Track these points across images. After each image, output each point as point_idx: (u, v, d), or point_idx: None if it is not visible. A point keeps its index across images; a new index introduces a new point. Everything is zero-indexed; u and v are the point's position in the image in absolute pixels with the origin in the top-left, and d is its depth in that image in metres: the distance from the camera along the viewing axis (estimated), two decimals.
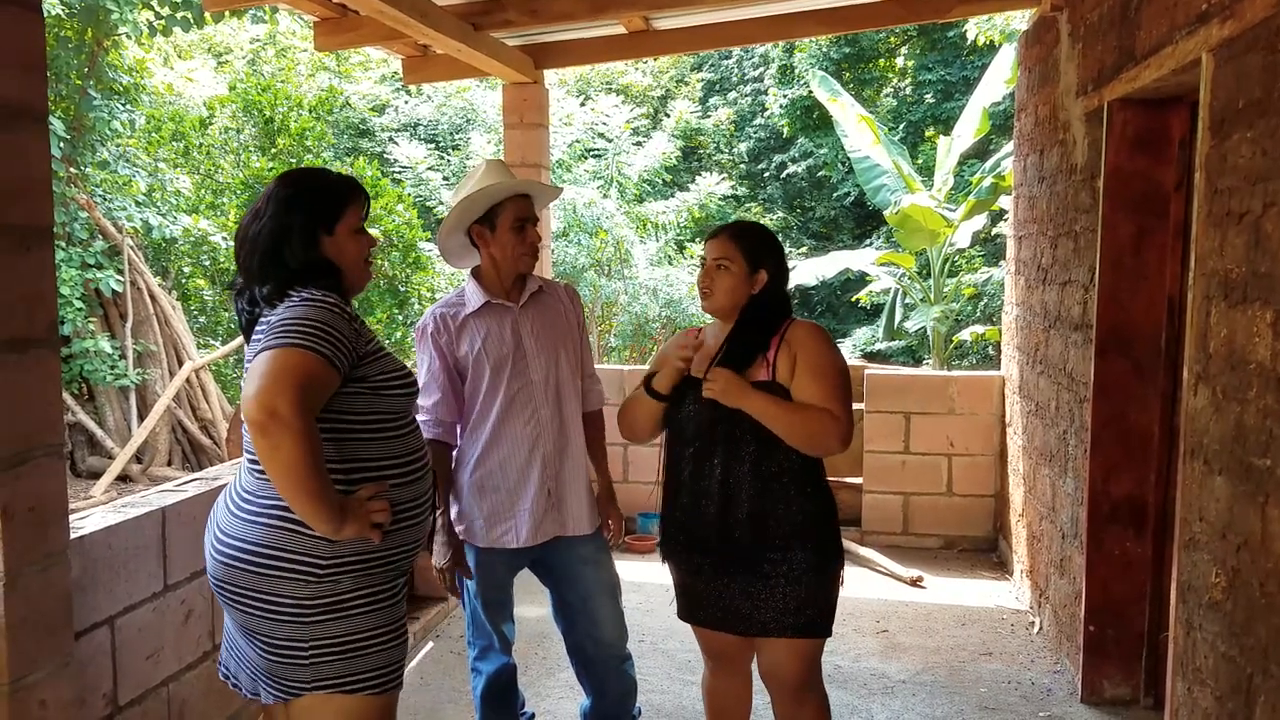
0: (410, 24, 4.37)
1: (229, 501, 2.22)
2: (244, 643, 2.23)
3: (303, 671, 2.16)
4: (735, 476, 2.64)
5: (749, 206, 17.36)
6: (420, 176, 12.30)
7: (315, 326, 2.04)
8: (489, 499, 2.98)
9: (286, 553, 2.10)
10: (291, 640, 2.14)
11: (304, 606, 2.12)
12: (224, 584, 2.17)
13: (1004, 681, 4.16)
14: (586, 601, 3.10)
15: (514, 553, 3.03)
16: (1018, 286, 5.43)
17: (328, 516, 2.01)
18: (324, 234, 2.24)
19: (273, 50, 16.01)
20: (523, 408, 2.97)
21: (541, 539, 3.01)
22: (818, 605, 2.68)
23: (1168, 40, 3.09)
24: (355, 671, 2.19)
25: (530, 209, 2.99)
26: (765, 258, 2.72)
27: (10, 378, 2.09)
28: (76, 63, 9.35)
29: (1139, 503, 3.77)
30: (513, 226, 2.93)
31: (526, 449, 2.98)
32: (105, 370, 9.28)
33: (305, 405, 1.96)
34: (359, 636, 2.18)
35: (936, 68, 16.12)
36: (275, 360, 1.97)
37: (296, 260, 2.19)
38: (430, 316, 3.00)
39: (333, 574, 2.12)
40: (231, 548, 2.14)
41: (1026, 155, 5.23)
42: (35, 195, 2.17)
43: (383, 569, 2.21)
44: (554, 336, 3.05)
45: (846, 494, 6.22)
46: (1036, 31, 5.05)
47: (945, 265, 10.51)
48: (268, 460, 1.96)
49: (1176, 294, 3.65)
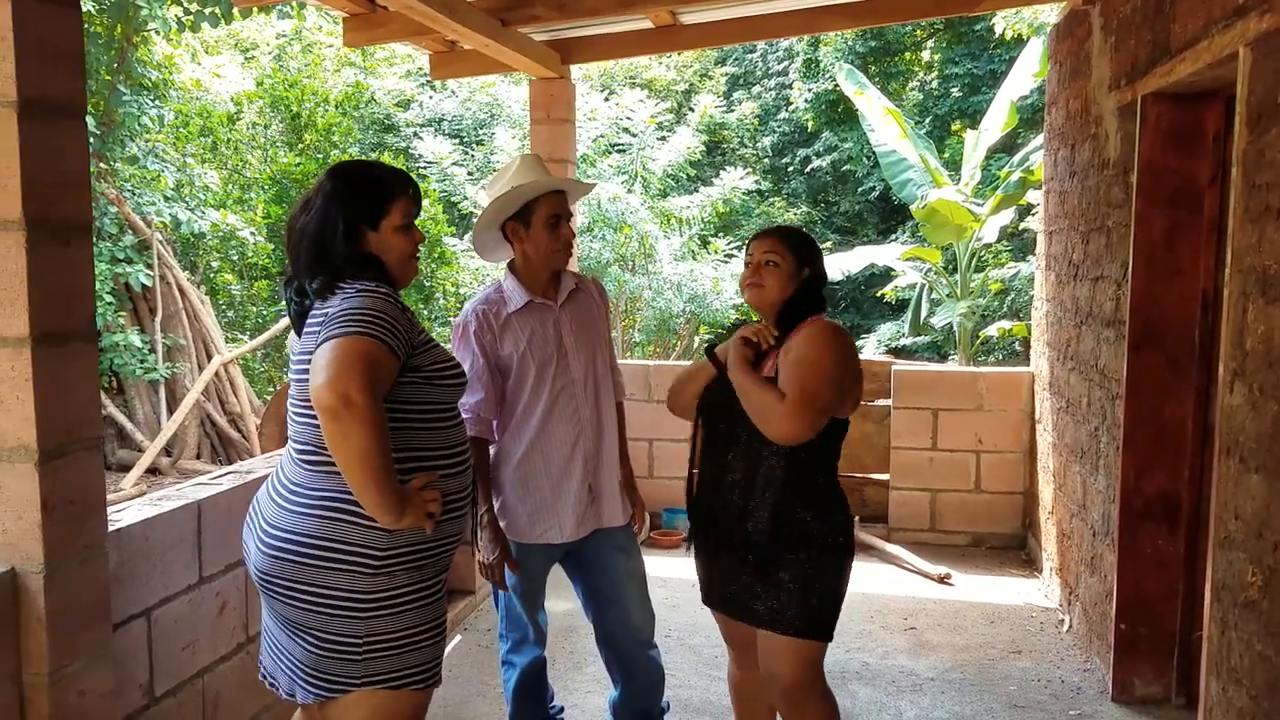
0: (439, 19, 4.37)
1: (274, 494, 2.23)
2: (287, 638, 2.23)
3: (354, 667, 2.17)
4: (758, 466, 2.66)
5: (773, 201, 17.29)
6: (445, 172, 12.31)
7: (376, 315, 2.06)
8: (533, 496, 3.02)
9: (342, 544, 2.11)
10: (345, 635, 2.15)
11: (360, 600, 2.13)
12: (272, 577, 2.17)
13: (1033, 679, 4.14)
14: (616, 587, 3.14)
15: (553, 546, 3.07)
16: (1048, 282, 5.40)
17: (390, 505, 2.03)
18: (367, 229, 2.25)
19: (299, 46, 16.06)
20: (565, 406, 3.01)
21: (582, 533, 3.06)
22: (819, 607, 2.67)
23: (1203, 34, 3.05)
24: (404, 667, 2.20)
25: (564, 205, 3.00)
26: (811, 257, 2.77)
27: (50, 371, 2.12)
28: (106, 58, 9.42)
29: (1172, 500, 3.74)
30: (547, 223, 2.95)
31: (569, 446, 3.02)
32: (135, 364, 9.36)
33: (375, 391, 1.98)
34: (410, 631, 2.19)
35: (963, 61, 16.00)
36: (343, 348, 1.98)
37: (338, 254, 2.21)
38: (471, 314, 3.01)
39: (388, 567, 2.14)
40: (281, 540, 2.15)
41: (1057, 150, 5.19)
42: (74, 191, 2.19)
43: (432, 562, 2.23)
44: (590, 334, 3.09)
45: (873, 490, 6.21)
46: (1068, 25, 5.01)
47: (972, 260, 10.44)
48: (339, 447, 1.97)
49: (1210, 289, 3.61)
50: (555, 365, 3.00)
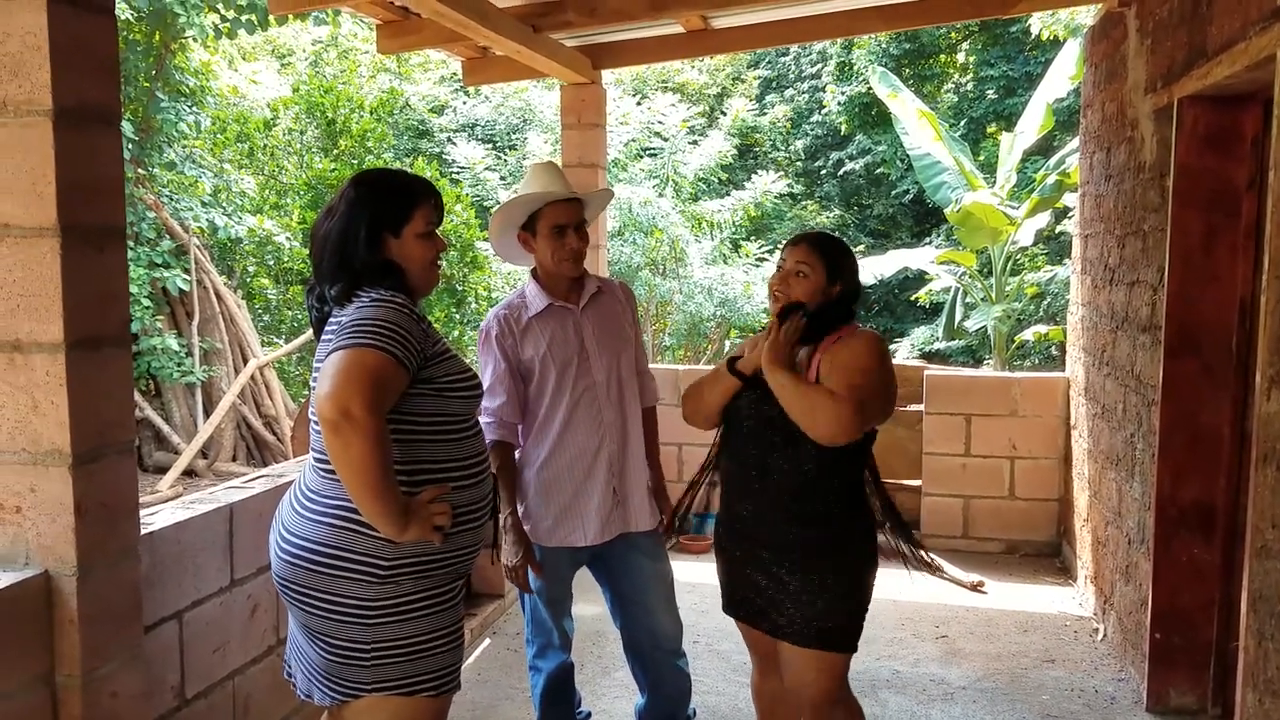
0: (471, 26, 4.40)
1: (294, 500, 2.25)
2: (305, 641, 2.26)
3: (364, 673, 2.19)
4: (783, 475, 2.64)
5: (805, 204, 17.23)
6: (478, 177, 12.39)
7: (385, 326, 2.06)
8: (556, 499, 3.03)
9: (349, 553, 2.13)
10: (353, 641, 2.17)
11: (366, 607, 2.14)
12: (288, 583, 2.20)
13: (1066, 689, 4.09)
14: (643, 594, 3.14)
15: (577, 549, 3.08)
16: (1084, 286, 5.34)
17: (393, 518, 2.04)
18: (389, 236, 2.26)
19: (335, 52, 16.21)
20: (588, 409, 3.02)
21: (607, 537, 3.06)
22: (841, 618, 2.64)
23: (1240, 36, 3.01)
24: (415, 674, 2.21)
25: (569, 214, 2.98)
26: (843, 271, 2.70)
27: (84, 375, 2.14)
28: (144, 65, 9.55)
29: (1208, 508, 3.69)
30: (550, 233, 2.96)
31: (593, 450, 3.03)
32: (172, 367, 9.48)
33: (377, 405, 1.99)
34: (420, 639, 2.20)
35: (999, 63, 15.87)
36: (348, 360, 2.00)
37: (360, 261, 2.22)
38: (494, 319, 3.03)
39: (394, 575, 2.15)
40: (296, 546, 2.17)
41: (1093, 153, 5.13)
42: (108, 197, 2.22)
43: (443, 571, 2.23)
44: (614, 337, 3.09)
45: (905, 496, 6.15)
46: (1103, 27, 4.95)
47: (1007, 263, 10.36)
48: (339, 459, 1.99)
49: (1248, 295, 3.56)
50: (576, 368, 3.01)
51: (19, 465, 2.14)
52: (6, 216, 2.09)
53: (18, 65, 2.06)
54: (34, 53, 2.05)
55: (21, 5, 2.05)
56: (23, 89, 2.06)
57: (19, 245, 2.09)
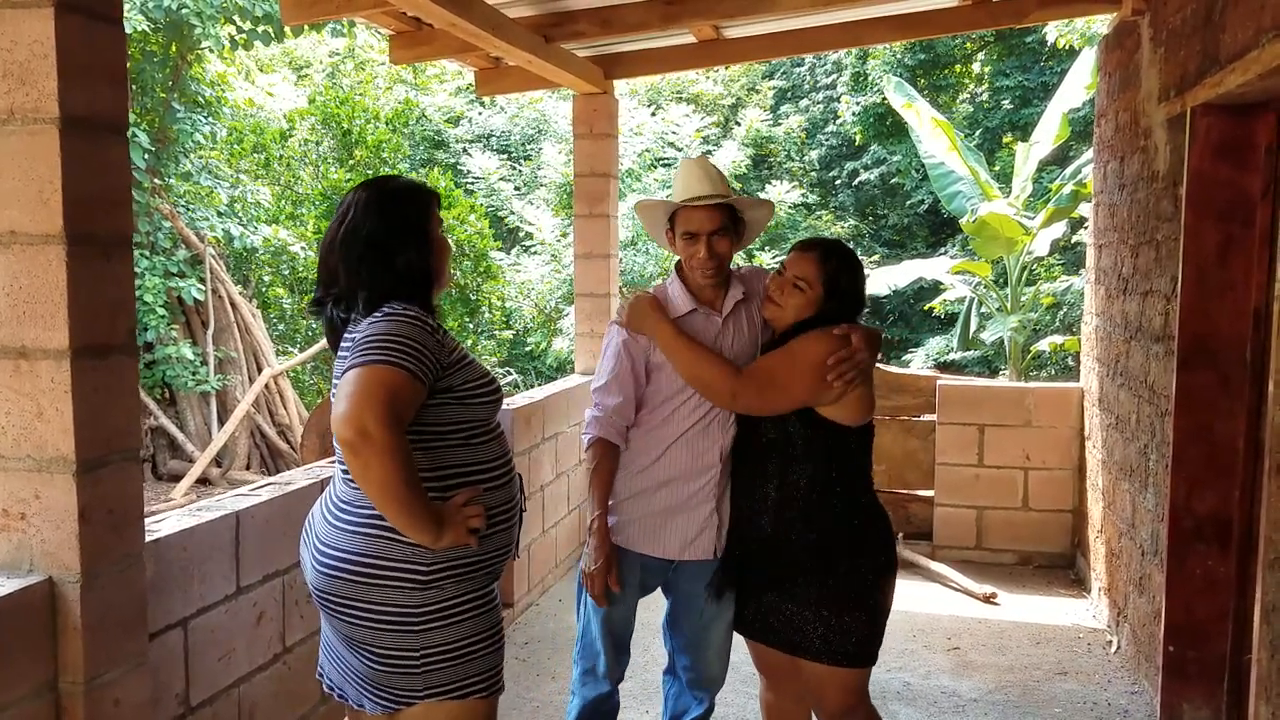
0: (482, 36, 4.41)
1: (326, 512, 2.25)
2: (349, 653, 2.25)
3: (415, 680, 2.19)
4: (785, 489, 2.63)
5: (820, 214, 17.20)
6: (492, 187, 12.44)
7: (398, 341, 2.05)
8: (654, 505, 2.82)
9: (389, 561, 2.13)
10: (402, 649, 2.17)
11: (411, 614, 2.14)
12: (327, 595, 2.20)
13: (1079, 702, 4.06)
14: (700, 633, 2.94)
15: (653, 569, 2.88)
16: (1098, 296, 5.31)
17: (425, 527, 2.04)
18: (425, 235, 2.26)
19: (351, 64, 16.31)
20: (708, 424, 2.80)
21: (689, 556, 2.83)
22: (857, 633, 2.61)
23: (1253, 44, 2.99)
24: (465, 676, 2.22)
25: (701, 221, 2.76)
26: (841, 291, 2.66)
27: (91, 383, 2.15)
28: (161, 76, 9.64)
29: (1222, 520, 3.65)
30: (682, 237, 2.80)
31: (705, 465, 2.80)
32: (187, 376, 9.54)
33: (394, 421, 1.97)
34: (466, 641, 2.21)
35: (1014, 73, 15.83)
36: (362, 378, 1.99)
37: (406, 262, 2.20)
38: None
39: (436, 580, 2.15)
40: (333, 558, 2.17)
41: (1107, 162, 5.11)
42: (116, 205, 2.22)
43: (482, 573, 2.24)
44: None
45: (918, 507, 6.13)
46: (1117, 36, 4.93)
47: (1023, 273, 10.29)
48: (361, 479, 1.99)
49: (1262, 304, 3.52)
50: None
51: (24, 472, 2.14)
52: (13, 224, 2.10)
53: (25, 73, 2.07)
54: (41, 61, 2.06)
55: (30, 14, 2.06)
56: (30, 97, 2.07)
57: (25, 253, 2.10)
